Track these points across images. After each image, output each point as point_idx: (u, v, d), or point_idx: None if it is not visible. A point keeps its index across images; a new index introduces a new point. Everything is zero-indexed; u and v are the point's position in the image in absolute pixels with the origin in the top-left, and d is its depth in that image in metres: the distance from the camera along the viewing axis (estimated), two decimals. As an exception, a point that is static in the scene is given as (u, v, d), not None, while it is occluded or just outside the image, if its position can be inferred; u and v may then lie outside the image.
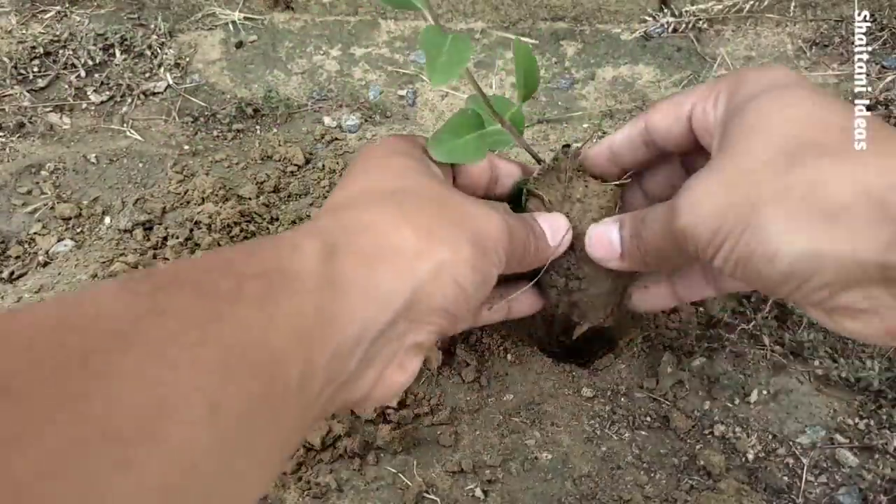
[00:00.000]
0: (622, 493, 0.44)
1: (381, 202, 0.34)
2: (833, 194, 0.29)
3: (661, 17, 0.74)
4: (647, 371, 0.50)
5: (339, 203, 0.35)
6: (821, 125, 0.32)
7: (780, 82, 0.35)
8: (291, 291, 0.27)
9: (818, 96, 0.34)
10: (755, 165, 0.32)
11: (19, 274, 0.60)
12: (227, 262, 0.27)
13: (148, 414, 0.21)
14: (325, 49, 0.78)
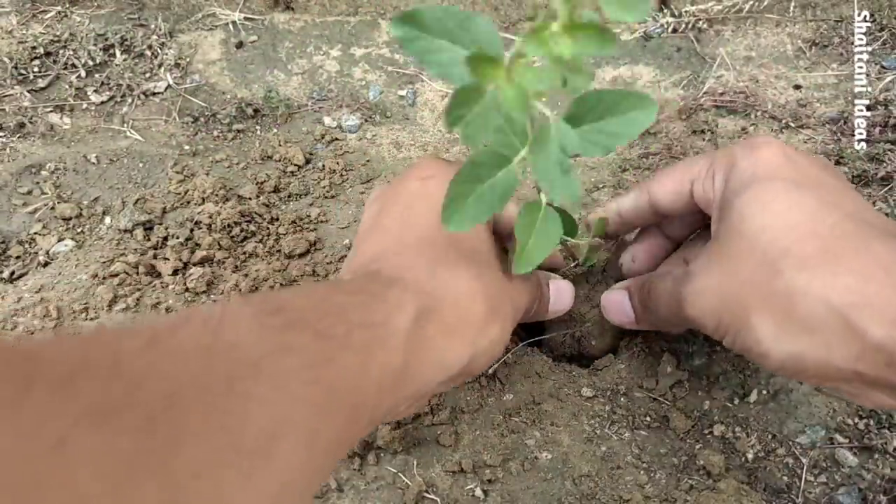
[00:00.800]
0: (622, 492, 0.44)
1: (466, 269, 0.38)
2: (810, 308, 0.32)
3: (660, 17, 0.74)
4: (647, 371, 0.50)
5: (427, 254, 0.38)
6: (797, 232, 0.34)
7: (763, 173, 0.37)
8: (387, 347, 0.32)
9: (796, 193, 0.36)
10: (744, 272, 0.36)
11: (20, 274, 0.60)
12: (341, 310, 0.31)
13: (269, 435, 0.24)
14: (325, 49, 0.79)
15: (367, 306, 0.32)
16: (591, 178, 0.63)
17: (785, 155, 0.38)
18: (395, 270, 0.37)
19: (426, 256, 0.38)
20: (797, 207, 0.35)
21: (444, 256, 0.38)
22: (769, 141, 0.39)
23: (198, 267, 0.57)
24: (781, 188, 0.36)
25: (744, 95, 0.67)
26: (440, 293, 0.36)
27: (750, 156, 0.39)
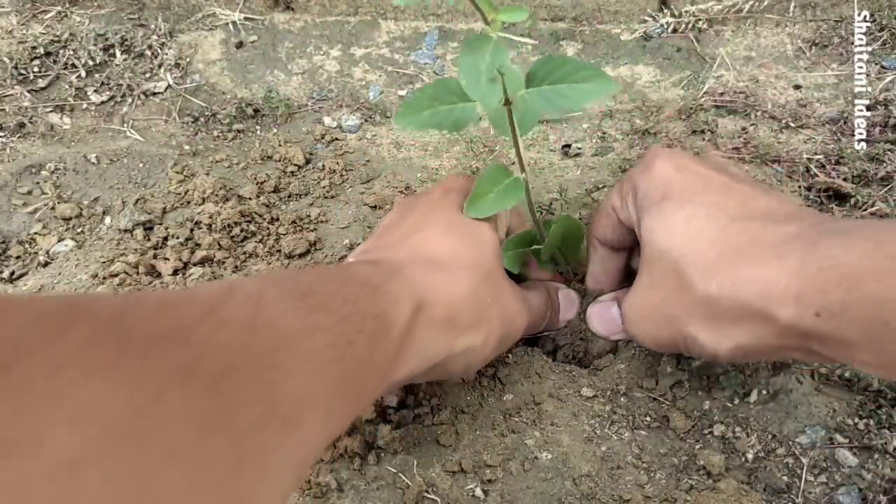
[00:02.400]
0: (622, 492, 0.44)
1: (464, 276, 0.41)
2: (727, 308, 0.36)
3: (660, 17, 0.74)
4: (647, 371, 0.50)
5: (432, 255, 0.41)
6: (696, 244, 0.37)
7: (656, 194, 0.40)
8: (388, 336, 0.34)
9: (688, 206, 0.39)
10: (665, 292, 0.39)
11: (20, 274, 0.60)
12: (357, 298, 0.33)
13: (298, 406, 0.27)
14: (325, 49, 0.79)
15: (374, 297, 0.35)
16: (591, 178, 0.63)
17: (675, 167, 0.41)
18: (396, 263, 0.39)
19: (427, 259, 0.40)
20: (691, 221, 0.38)
21: (445, 261, 0.41)
22: (659, 153, 0.42)
23: (198, 267, 0.57)
24: (674, 206, 0.39)
25: (744, 95, 0.67)
26: (434, 292, 0.38)
27: (646, 176, 0.42)
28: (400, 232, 0.43)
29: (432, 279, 0.39)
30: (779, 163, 0.61)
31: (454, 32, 0.78)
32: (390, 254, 0.41)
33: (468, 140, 0.69)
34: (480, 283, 0.41)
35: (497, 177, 0.44)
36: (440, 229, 0.42)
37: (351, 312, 0.32)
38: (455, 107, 0.38)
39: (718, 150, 0.63)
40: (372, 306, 0.34)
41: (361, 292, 0.34)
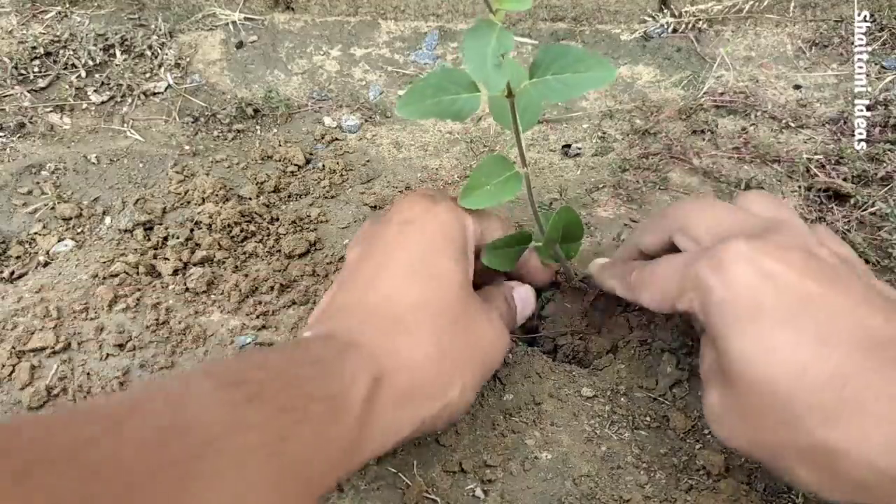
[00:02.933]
0: (622, 492, 0.44)
1: (428, 332, 0.37)
2: (855, 469, 0.30)
3: (660, 17, 0.74)
4: (647, 371, 0.50)
5: (391, 311, 0.37)
6: (808, 380, 0.32)
7: (745, 309, 0.34)
8: (342, 421, 0.31)
9: (790, 330, 0.33)
10: (769, 426, 0.33)
11: (20, 274, 0.60)
12: (300, 381, 0.31)
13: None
14: (325, 49, 0.79)
15: (323, 377, 0.32)
16: (591, 178, 0.63)
17: (759, 274, 0.34)
18: (352, 334, 0.36)
19: (386, 320, 0.37)
20: (798, 348, 0.32)
21: (405, 318, 0.37)
22: (735, 258, 0.35)
23: (198, 267, 0.57)
24: (772, 328, 0.33)
25: (744, 95, 0.67)
26: (394, 360, 0.35)
27: (721, 282, 0.35)
28: (355, 285, 0.39)
29: (392, 345, 0.35)
30: (779, 163, 0.61)
31: (454, 32, 0.78)
32: (346, 318, 0.37)
33: (468, 140, 0.69)
34: (447, 335, 0.37)
35: (496, 169, 0.43)
36: (399, 276, 0.38)
37: (292, 399, 0.29)
38: (458, 97, 0.38)
39: (718, 150, 0.63)
40: (320, 388, 0.31)
41: (308, 373, 0.31)
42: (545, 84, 0.36)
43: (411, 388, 0.35)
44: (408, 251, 0.39)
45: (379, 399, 0.33)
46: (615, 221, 0.59)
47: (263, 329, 0.54)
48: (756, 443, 0.34)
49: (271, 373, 0.30)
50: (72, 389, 0.50)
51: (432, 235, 0.40)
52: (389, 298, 0.37)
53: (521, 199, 0.63)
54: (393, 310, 0.37)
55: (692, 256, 0.38)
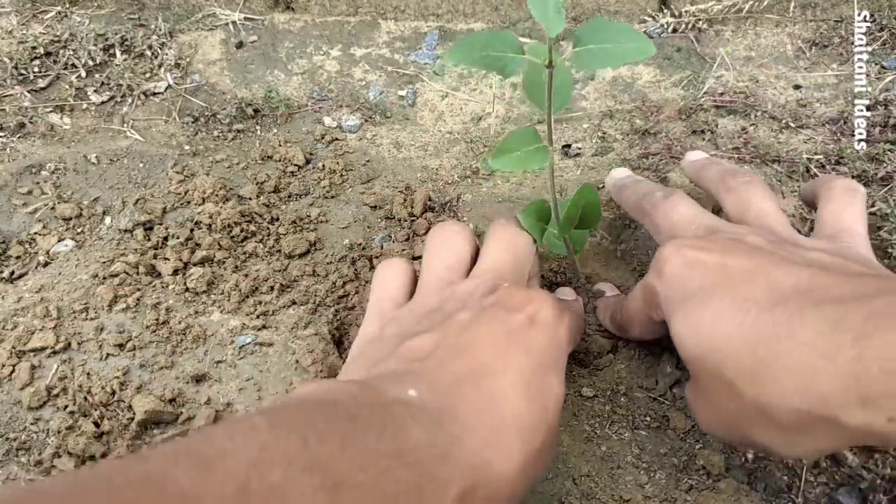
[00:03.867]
0: (622, 492, 0.44)
1: (520, 450, 0.34)
2: (787, 417, 0.32)
3: (660, 17, 0.74)
4: (647, 371, 0.50)
5: (495, 417, 0.34)
6: (729, 346, 0.34)
7: (676, 296, 0.38)
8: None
9: (709, 304, 0.35)
10: (718, 399, 0.35)
11: (20, 274, 0.60)
12: (397, 491, 0.27)
13: None
14: (325, 49, 0.79)
15: (420, 486, 0.28)
16: (591, 178, 0.64)
17: (684, 263, 0.38)
18: (455, 429, 0.32)
19: (488, 426, 0.33)
20: (717, 320, 0.34)
21: (506, 429, 0.34)
22: (665, 253, 0.39)
23: (198, 267, 0.57)
24: (696, 306, 0.36)
25: (744, 95, 0.67)
26: (486, 472, 0.32)
27: (661, 280, 0.39)
28: (464, 362, 0.35)
29: (488, 455, 0.32)
30: (779, 163, 0.61)
31: (454, 32, 0.78)
32: (448, 401, 0.33)
33: (468, 140, 0.69)
34: (536, 453, 0.34)
35: (527, 139, 0.45)
36: (513, 380, 0.35)
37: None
38: (505, 55, 0.40)
39: (718, 150, 0.63)
40: (411, 499, 0.27)
41: (406, 477, 0.27)
42: (588, 52, 0.38)
43: (491, 500, 0.32)
44: (528, 356, 0.37)
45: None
46: (615, 221, 0.59)
47: (263, 329, 0.54)
48: (719, 420, 0.36)
49: (371, 475, 0.26)
50: (72, 389, 0.50)
51: (553, 346, 0.38)
52: (499, 398, 0.34)
53: (522, 199, 0.63)
54: (497, 415, 0.34)
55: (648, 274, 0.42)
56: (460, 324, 0.38)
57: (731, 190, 0.46)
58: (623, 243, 0.58)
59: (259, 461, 0.23)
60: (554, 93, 0.42)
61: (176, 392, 0.50)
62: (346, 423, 0.27)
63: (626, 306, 0.46)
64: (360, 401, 0.29)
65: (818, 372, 0.30)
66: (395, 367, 0.36)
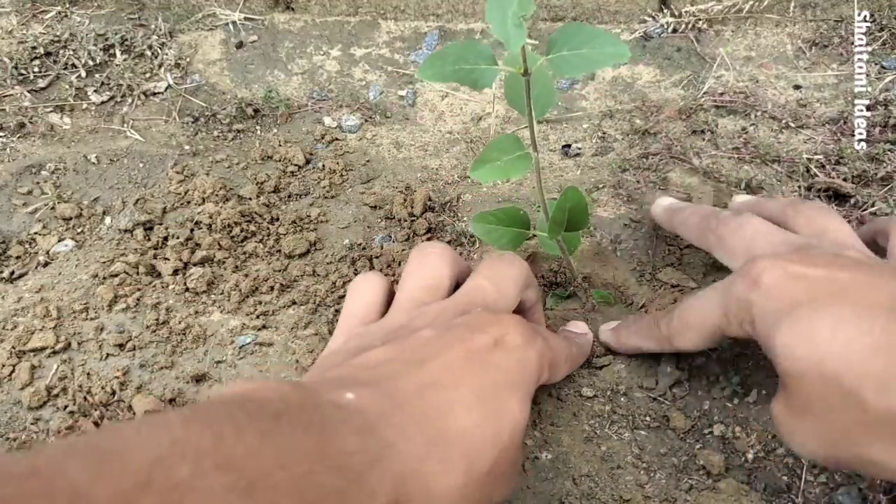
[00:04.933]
0: (622, 492, 0.44)
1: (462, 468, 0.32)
2: None
3: (660, 17, 0.74)
4: (647, 371, 0.50)
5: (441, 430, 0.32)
6: (854, 353, 0.32)
7: (782, 306, 0.35)
8: None
9: (826, 312, 0.34)
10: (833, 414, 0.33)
11: (20, 274, 0.60)
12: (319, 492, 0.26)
13: None
14: (325, 49, 0.79)
15: (344, 492, 0.27)
16: (591, 178, 0.63)
17: (789, 276, 0.36)
18: (393, 435, 0.31)
19: (431, 437, 0.32)
20: (839, 327, 0.32)
21: (450, 445, 0.32)
22: (763, 269, 0.37)
23: (198, 267, 0.57)
24: (811, 314, 0.34)
25: (744, 95, 0.67)
26: (420, 485, 0.30)
27: (758, 293, 0.36)
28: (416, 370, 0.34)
29: (426, 468, 0.31)
30: (779, 163, 0.61)
31: (454, 32, 0.78)
32: (395, 408, 0.32)
33: (468, 140, 0.69)
34: (478, 479, 0.33)
35: (508, 146, 0.44)
36: (466, 396, 0.34)
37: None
38: (477, 67, 0.39)
39: (718, 150, 0.63)
40: (342, 502, 0.26)
41: (331, 483, 0.26)
42: (562, 59, 0.37)
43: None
44: (486, 376, 0.35)
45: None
46: (615, 221, 0.59)
47: (263, 329, 0.54)
48: (826, 440, 0.34)
49: (292, 476, 0.25)
50: (72, 389, 0.50)
51: (516, 369, 0.37)
52: (445, 411, 0.33)
53: (522, 199, 0.63)
54: (441, 427, 0.33)
55: (727, 282, 0.40)
56: (421, 339, 0.37)
57: (800, 213, 0.44)
58: (622, 243, 0.58)
59: (165, 457, 0.22)
60: (535, 99, 0.41)
61: (176, 392, 0.50)
62: (268, 422, 0.26)
63: (687, 316, 0.42)
64: (290, 401, 0.28)
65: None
66: (343, 374, 0.35)
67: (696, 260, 0.55)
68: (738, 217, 0.45)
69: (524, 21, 0.35)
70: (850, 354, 0.32)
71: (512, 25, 0.35)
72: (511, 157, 0.44)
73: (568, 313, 0.58)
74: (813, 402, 0.34)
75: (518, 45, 0.35)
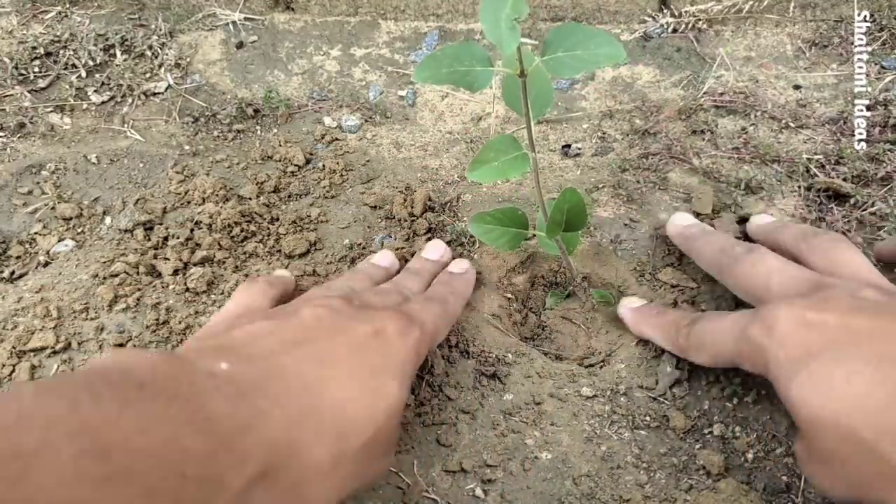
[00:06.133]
0: (622, 492, 0.44)
1: (330, 439, 0.33)
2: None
3: (660, 17, 0.74)
4: (647, 371, 0.50)
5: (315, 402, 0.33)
6: (870, 405, 0.32)
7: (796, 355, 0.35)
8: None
9: (841, 364, 0.34)
10: (851, 466, 0.33)
11: (20, 274, 0.60)
12: (181, 456, 0.26)
13: None
14: (325, 49, 0.79)
15: (210, 455, 0.27)
16: (591, 178, 0.64)
17: (804, 325, 0.36)
18: (266, 403, 0.31)
19: (303, 408, 0.33)
20: (853, 379, 0.32)
21: (324, 419, 0.33)
22: (779, 317, 0.37)
23: (198, 267, 0.57)
24: (825, 366, 0.34)
25: (743, 95, 0.67)
26: (291, 457, 0.31)
27: (773, 341, 0.37)
28: (297, 351, 0.35)
29: (298, 437, 0.31)
30: (778, 163, 0.61)
31: (454, 32, 0.78)
32: (271, 376, 0.33)
33: (468, 140, 0.69)
34: (351, 456, 0.34)
35: (506, 147, 0.44)
36: (344, 376, 0.35)
37: (163, 480, 0.25)
38: (472, 69, 0.39)
39: (718, 150, 0.63)
40: (201, 468, 0.26)
41: (196, 446, 0.26)
42: (557, 60, 0.37)
43: (290, 492, 0.31)
44: (366, 356, 0.37)
45: (254, 495, 0.29)
46: (615, 221, 0.59)
47: (263, 329, 0.54)
48: (848, 485, 0.34)
49: (154, 440, 0.25)
50: (72, 389, 0.50)
51: (393, 356, 0.39)
52: (321, 385, 0.34)
53: (522, 199, 0.63)
54: (317, 399, 0.33)
55: (744, 321, 0.40)
56: (303, 318, 0.38)
57: (815, 249, 0.44)
58: (622, 243, 0.58)
59: (12, 426, 0.22)
60: (533, 100, 0.41)
61: (176, 392, 0.50)
62: (131, 390, 0.26)
63: (704, 338, 0.44)
64: (159, 370, 0.29)
65: None
66: (222, 343, 0.36)
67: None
68: (751, 254, 0.45)
69: (517, 23, 0.35)
70: (866, 407, 0.31)
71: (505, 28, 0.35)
72: (508, 158, 0.44)
73: (568, 313, 0.58)
74: (831, 452, 0.34)
75: (511, 47, 0.35)
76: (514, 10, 0.35)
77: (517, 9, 0.35)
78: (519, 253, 0.58)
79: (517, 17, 0.35)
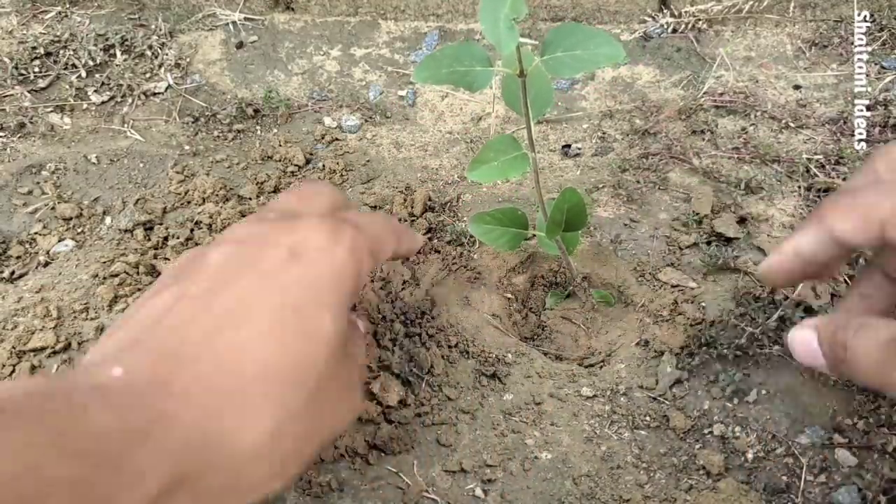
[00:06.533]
0: (622, 492, 0.44)
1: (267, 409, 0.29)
2: None
3: (660, 17, 0.74)
4: (647, 371, 0.50)
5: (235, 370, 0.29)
6: None
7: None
8: None
9: None
10: None
11: (20, 274, 0.60)
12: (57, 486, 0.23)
13: None
14: (325, 49, 0.79)
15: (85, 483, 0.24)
16: (591, 179, 0.64)
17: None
18: (167, 400, 0.27)
19: (221, 389, 0.28)
20: None
21: (248, 390, 0.29)
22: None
23: (198, 267, 0.57)
24: None
25: (743, 95, 0.67)
26: (214, 453, 0.27)
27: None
28: (201, 312, 0.30)
29: (219, 428, 0.27)
30: (778, 163, 0.61)
31: (454, 32, 0.78)
32: (168, 366, 0.28)
33: (468, 140, 0.69)
34: (296, 415, 0.29)
35: (505, 147, 0.44)
36: (262, 323, 0.30)
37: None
38: (472, 69, 0.39)
39: (718, 150, 0.63)
40: (77, 498, 0.23)
41: (66, 472, 0.23)
42: (556, 60, 0.38)
43: (225, 489, 0.28)
44: (285, 293, 0.31)
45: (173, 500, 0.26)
46: (615, 221, 0.59)
47: (263, 329, 0.54)
48: None
49: (8, 472, 0.22)
50: (72, 389, 0.50)
51: (321, 279, 0.32)
52: (238, 353, 0.29)
53: (522, 199, 0.63)
54: (236, 372, 0.29)
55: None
56: (209, 267, 0.32)
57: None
58: (622, 243, 0.58)
59: None
60: (532, 99, 0.41)
61: (176, 392, 0.50)
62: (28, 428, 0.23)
63: (858, 356, 0.32)
64: (35, 393, 0.25)
65: None
66: (123, 337, 0.31)
67: (695, 260, 0.55)
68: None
69: (516, 24, 0.35)
70: None
71: (504, 28, 0.35)
72: (508, 158, 0.44)
73: (568, 313, 0.58)
74: None
75: (510, 47, 0.35)
76: (512, 10, 0.35)
77: (516, 9, 0.35)
78: (519, 253, 0.58)
79: (516, 17, 0.35)
